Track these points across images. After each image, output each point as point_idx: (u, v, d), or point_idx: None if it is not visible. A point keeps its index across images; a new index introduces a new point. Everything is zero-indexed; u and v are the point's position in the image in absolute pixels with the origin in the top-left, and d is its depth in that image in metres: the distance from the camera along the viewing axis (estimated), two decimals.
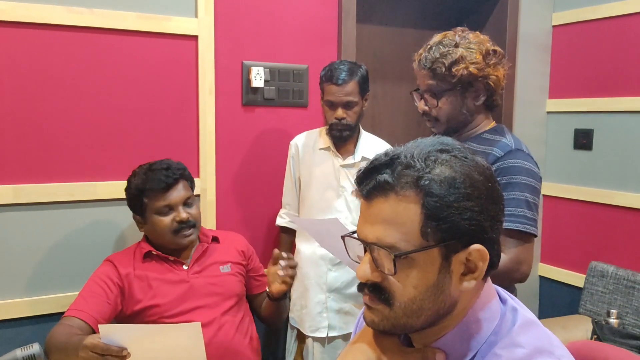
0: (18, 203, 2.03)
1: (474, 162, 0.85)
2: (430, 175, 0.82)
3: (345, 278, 2.22)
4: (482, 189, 0.83)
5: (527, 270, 1.58)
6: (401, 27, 3.03)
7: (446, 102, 1.66)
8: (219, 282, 1.96)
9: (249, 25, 2.40)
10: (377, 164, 0.86)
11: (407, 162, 0.83)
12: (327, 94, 2.18)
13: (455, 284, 0.84)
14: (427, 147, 0.86)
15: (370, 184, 0.85)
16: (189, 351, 1.51)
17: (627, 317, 2.61)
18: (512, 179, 1.57)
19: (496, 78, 1.64)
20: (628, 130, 2.77)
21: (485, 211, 0.83)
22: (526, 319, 0.89)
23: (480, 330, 0.87)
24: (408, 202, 0.82)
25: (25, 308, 2.07)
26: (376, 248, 0.84)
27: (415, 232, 0.82)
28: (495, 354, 0.85)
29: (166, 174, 1.91)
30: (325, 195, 2.25)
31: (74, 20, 2.07)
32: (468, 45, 1.62)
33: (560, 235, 3.10)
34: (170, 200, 1.91)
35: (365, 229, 0.86)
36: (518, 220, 1.54)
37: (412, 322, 0.86)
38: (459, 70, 1.60)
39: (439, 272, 0.83)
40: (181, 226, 1.91)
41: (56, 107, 2.08)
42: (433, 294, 0.84)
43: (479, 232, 0.83)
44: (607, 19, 2.83)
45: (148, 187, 1.90)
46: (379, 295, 0.86)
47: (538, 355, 0.83)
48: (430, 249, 0.82)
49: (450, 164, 0.83)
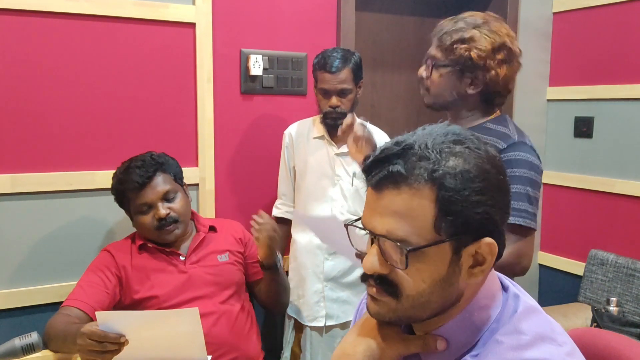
0: (15, 192, 2.03)
1: (487, 154, 0.84)
2: (445, 168, 0.80)
3: (342, 267, 2.22)
4: (494, 181, 0.83)
5: (528, 264, 1.58)
6: (401, 15, 3.01)
7: (440, 77, 1.62)
8: (217, 272, 1.95)
9: (247, 12, 2.38)
10: (389, 154, 0.83)
11: (421, 153, 0.81)
12: (320, 82, 2.16)
13: (463, 277, 0.84)
14: (440, 137, 0.83)
15: (380, 174, 0.82)
16: (188, 336, 1.51)
17: (626, 305, 2.61)
18: (514, 172, 1.55)
19: (495, 74, 1.59)
20: (628, 118, 2.75)
21: (497, 204, 0.83)
22: (528, 306, 0.89)
23: (482, 318, 0.87)
24: (422, 195, 0.80)
25: (24, 298, 2.07)
26: (386, 240, 0.82)
27: (428, 226, 0.80)
28: (497, 340, 0.84)
29: (139, 172, 1.86)
30: (321, 183, 2.24)
31: (71, 8, 2.05)
32: (485, 31, 1.58)
33: (560, 224, 3.10)
34: (146, 198, 1.87)
35: (374, 220, 0.84)
36: (519, 215, 1.53)
37: (419, 314, 0.86)
38: (459, 50, 1.57)
39: (449, 266, 0.82)
40: (161, 223, 1.87)
41: (53, 96, 2.06)
42: (441, 288, 0.83)
43: (490, 225, 0.82)
44: (607, 6, 2.81)
45: (124, 188, 1.89)
46: (386, 287, 0.84)
47: (540, 342, 0.83)
48: (443, 243, 0.80)
49: (464, 156, 0.81)
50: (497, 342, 0.84)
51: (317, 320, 2.24)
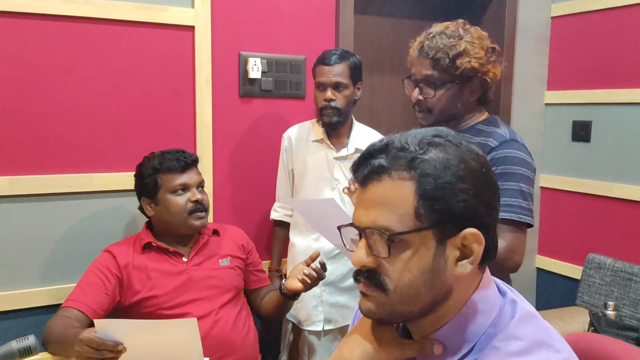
0: (14, 195, 2.03)
1: (468, 148, 0.86)
2: (424, 157, 0.82)
3: (341, 271, 2.22)
4: (477, 173, 0.84)
5: (520, 260, 1.58)
6: (399, 18, 3.01)
7: (444, 94, 1.64)
8: (218, 275, 1.96)
9: (246, 15, 2.39)
10: (372, 150, 0.86)
11: (401, 145, 0.84)
12: (317, 75, 2.18)
13: (450, 269, 0.84)
14: (421, 133, 0.87)
15: (365, 170, 0.85)
16: (185, 346, 1.51)
17: (624, 309, 2.61)
18: (507, 169, 1.57)
19: (494, 75, 1.64)
20: (626, 122, 2.76)
21: (479, 195, 0.83)
22: (525, 312, 0.89)
23: (478, 322, 0.87)
24: (402, 183, 0.82)
25: (22, 300, 2.07)
26: (371, 232, 0.84)
27: (410, 213, 0.81)
28: (494, 346, 0.84)
29: (181, 156, 1.95)
30: (319, 187, 2.23)
31: (70, 10, 2.05)
32: (471, 39, 1.61)
33: (558, 227, 3.10)
34: (186, 180, 1.93)
35: (360, 214, 0.86)
36: (512, 210, 1.54)
37: (409, 308, 0.85)
38: (463, 64, 1.59)
39: (434, 256, 0.82)
40: (196, 207, 1.93)
41: (52, 98, 2.07)
42: (429, 279, 0.83)
43: (474, 217, 0.83)
44: (606, 10, 2.82)
45: (165, 167, 1.92)
46: (374, 281, 0.85)
47: (537, 348, 0.83)
48: (425, 230, 0.81)
49: (444, 147, 0.84)
50: (495, 348, 0.84)
51: (315, 324, 2.24)
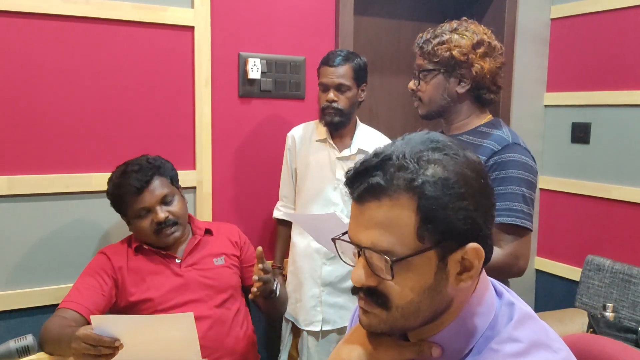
0: (12, 194, 2.02)
1: (466, 159, 0.84)
2: (423, 177, 0.80)
3: (340, 272, 2.21)
4: (475, 186, 0.83)
5: (524, 265, 1.58)
6: (399, 19, 3.01)
7: (431, 83, 1.67)
8: (213, 275, 1.95)
9: (246, 16, 2.39)
10: (368, 166, 0.83)
11: (399, 163, 0.81)
12: (321, 76, 2.19)
13: (452, 284, 0.83)
14: (417, 145, 0.84)
15: (361, 187, 0.83)
16: (182, 341, 1.51)
17: (623, 311, 2.61)
18: (509, 173, 1.56)
19: (480, 68, 1.63)
20: (625, 123, 2.76)
21: (479, 208, 0.82)
22: (523, 313, 0.88)
23: (476, 325, 0.87)
24: (402, 205, 0.80)
25: (20, 300, 2.06)
26: (371, 252, 0.82)
27: (411, 235, 0.80)
28: (492, 349, 0.84)
29: (137, 176, 1.86)
30: (321, 187, 2.23)
31: (69, 10, 2.05)
32: (463, 32, 1.65)
33: (557, 229, 3.10)
34: (145, 202, 1.87)
35: (358, 233, 0.84)
36: (515, 215, 1.54)
37: (410, 323, 0.85)
38: (441, 50, 1.63)
39: (436, 273, 0.82)
40: (160, 227, 1.87)
41: (51, 98, 2.06)
42: (430, 296, 0.83)
43: (474, 230, 0.82)
44: (605, 12, 2.82)
45: (122, 192, 1.88)
46: (376, 299, 0.84)
47: (535, 349, 0.83)
48: (427, 251, 0.81)
49: (442, 164, 0.81)
50: (493, 351, 0.84)
51: (313, 324, 2.23)
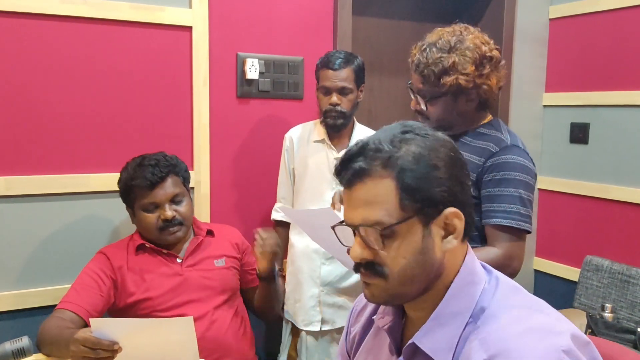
0: (10, 195, 2.02)
1: (435, 137, 0.95)
2: (399, 154, 0.91)
3: (339, 272, 2.21)
4: (447, 158, 0.93)
5: (518, 266, 1.59)
6: (398, 20, 3.01)
7: (437, 106, 1.64)
8: (213, 276, 1.95)
9: (244, 16, 2.38)
10: (350, 154, 0.94)
11: (375, 147, 0.92)
12: (322, 79, 2.17)
13: (438, 247, 0.93)
14: (391, 130, 0.96)
15: (348, 173, 0.93)
16: (181, 346, 1.50)
17: (621, 312, 2.61)
18: (506, 175, 1.56)
19: (488, 87, 1.60)
20: (624, 124, 2.76)
21: (453, 177, 0.93)
22: (511, 285, 0.99)
23: (470, 292, 0.95)
24: (383, 182, 0.91)
25: (17, 301, 2.06)
26: (363, 228, 0.92)
27: (395, 206, 0.90)
28: (493, 315, 0.92)
29: (152, 171, 1.86)
30: (319, 187, 2.23)
31: (67, 11, 2.04)
32: (463, 51, 1.57)
33: (556, 229, 3.10)
34: (155, 198, 1.87)
35: (350, 214, 0.95)
36: (511, 217, 1.54)
37: (407, 289, 0.94)
38: (448, 82, 1.57)
39: (422, 239, 0.92)
40: (166, 224, 1.88)
41: (49, 98, 2.06)
42: (421, 260, 0.92)
43: (451, 197, 0.92)
44: (604, 12, 2.82)
45: (134, 184, 1.88)
46: (374, 270, 0.93)
47: (532, 313, 0.92)
48: (411, 219, 0.91)
49: (415, 142, 0.93)
50: (494, 317, 0.91)
51: (312, 324, 2.23)
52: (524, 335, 0.87)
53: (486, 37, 1.65)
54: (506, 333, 0.88)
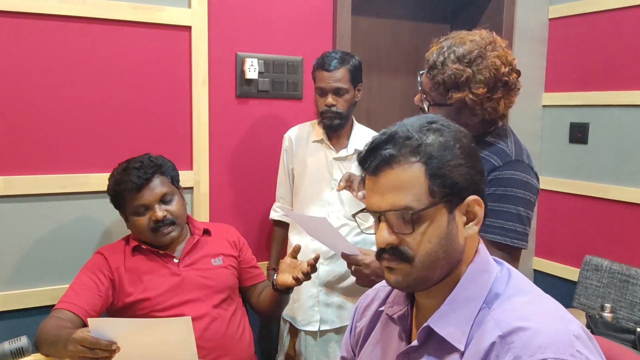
0: (9, 195, 2.02)
1: (457, 128, 1.01)
2: (427, 142, 0.96)
3: (338, 272, 2.21)
4: (469, 149, 0.99)
5: None
6: (397, 20, 3.01)
7: (439, 113, 1.57)
8: (211, 275, 1.95)
9: (243, 16, 2.38)
10: (378, 142, 0.98)
11: (405, 135, 0.96)
12: (318, 80, 2.18)
13: (461, 233, 0.98)
14: (416, 121, 0.99)
15: (375, 160, 0.97)
16: (180, 346, 1.50)
17: (621, 311, 2.61)
18: (507, 191, 1.52)
19: (493, 110, 1.54)
20: (623, 124, 2.76)
21: (474, 166, 0.98)
22: (524, 277, 1.03)
23: (484, 278, 0.99)
24: (413, 168, 0.95)
25: (16, 301, 2.06)
26: (391, 214, 0.96)
27: (424, 191, 0.94)
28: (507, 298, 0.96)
29: (137, 173, 1.86)
30: (318, 188, 2.23)
31: (67, 10, 2.04)
32: (481, 69, 1.49)
33: (555, 229, 3.10)
34: (144, 199, 1.86)
35: (376, 200, 0.98)
36: (507, 235, 1.51)
37: (430, 274, 0.97)
38: (456, 97, 1.52)
39: (447, 224, 0.96)
40: (158, 225, 1.87)
41: (48, 98, 2.06)
42: (445, 245, 0.96)
43: (473, 185, 0.97)
44: (603, 12, 2.82)
45: (122, 188, 1.87)
46: (399, 255, 0.97)
47: (542, 296, 0.98)
48: (439, 204, 0.95)
49: (440, 132, 0.97)
50: (509, 300, 0.96)
51: (311, 324, 2.23)
52: (538, 315, 0.92)
53: (510, 56, 1.54)
54: (520, 313, 0.92)
